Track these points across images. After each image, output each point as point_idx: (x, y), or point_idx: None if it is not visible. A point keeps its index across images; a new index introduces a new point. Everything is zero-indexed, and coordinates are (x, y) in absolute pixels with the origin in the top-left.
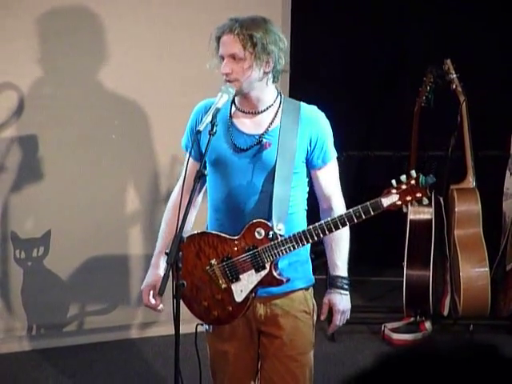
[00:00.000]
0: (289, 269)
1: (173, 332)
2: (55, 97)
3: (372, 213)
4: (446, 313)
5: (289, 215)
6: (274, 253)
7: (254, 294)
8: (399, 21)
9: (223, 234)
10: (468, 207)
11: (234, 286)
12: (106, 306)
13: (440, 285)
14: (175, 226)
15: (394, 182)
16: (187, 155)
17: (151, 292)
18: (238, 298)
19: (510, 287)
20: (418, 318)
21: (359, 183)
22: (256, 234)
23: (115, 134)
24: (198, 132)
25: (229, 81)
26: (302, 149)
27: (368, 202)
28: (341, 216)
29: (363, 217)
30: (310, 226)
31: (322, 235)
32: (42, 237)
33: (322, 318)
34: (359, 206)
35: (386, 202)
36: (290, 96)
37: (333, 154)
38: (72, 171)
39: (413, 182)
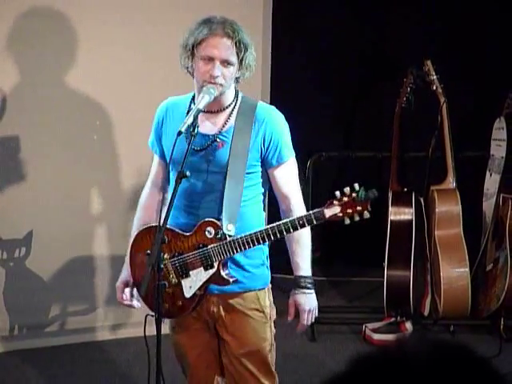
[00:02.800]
0: (241, 270)
1: (154, 333)
2: (37, 98)
3: (314, 222)
4: (426, 313)
5: (242, 215)
6: (222, 252)
7: (203, 291)
8: (379, 22)
9: (177, 230)
10: (448, 208)
11: (183, 282)
12: (87, 307)
13: (420, 285)
14: (146, 224)
15: (337, 193)
16: (154, 155)
17: (126, 289)
18: (187, 293)
19: (490, 287)
20: (399, 318)
21: (339, 184)
22: (206, 232)
23: (97, 134)
24: (180, 133)
25: (212, 83)
26: (255, 149)
27: (312, 211)
28: (285, 223)
29: (306, 225)
30: (257, 230)
31: (267, 240)
32: (23, 238)
33: (290, 318)
34: (303, 215)
35: (327, 212)
36: (272, 98)
37: (289, 153)
38: (53, 172)
39: (354, 195)
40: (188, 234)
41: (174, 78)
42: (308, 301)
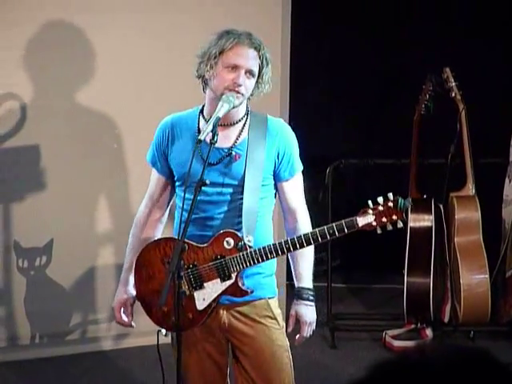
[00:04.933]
0: (252, 280)
1: (166, 341)
2: (57, 108)
3: (346, 231)
4: (446, 319)
5: (256, 226)
6: (241, 263)
7: (215, 304)
8: (399, 29)
9: (190, 242)
10: (468, 214)
11: (196, 294)
12: (108, 315)
13: (440, 292)
14: (143, 241)
15: (370, 202)
16: (153, 170)
17: (122, 309)
18: (200, 305)
19: (510, 293)
20: (419, 324)
21: (359, 191)
22: (225, 243)
23: (117, 143)
24: (199, 141)
25: (235, 91)
26: (269, 161)
27: (343, 220)
28: (314, 232)
29: (336, 234)
30: (282, 240)
31: (292, 249)
32: (44, 246)
33: (289, 329)
34: (333, 224)
35: (361, 221)
36: (291, 105)
37: (299, 166)
38: (74, 180)
39: (390, 204)
40: (203, 245)
41: (192, 87)
42: (309, 313)
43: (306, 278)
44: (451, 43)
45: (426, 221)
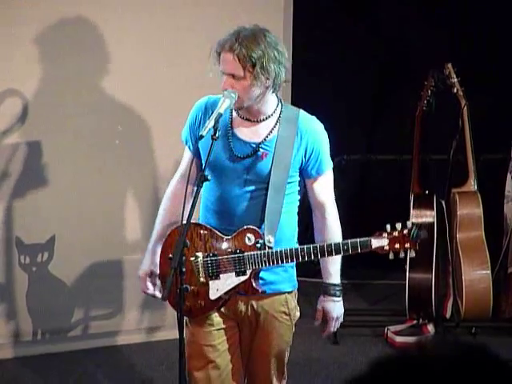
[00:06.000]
0: (272, 273)
1: (177, 336)
2: (59, 103)
3: (359, 250)
4: (448, 315)
5: (279, 225)
6: (258, 262)
7: (228, 297)
8: (400, 24)
9: (216, 231)
10: (470, 210)
11: (211, 283)
12: (110, 311)
13: (442, 287)
14: (172, 214)
15: (388, 226)
16: (186, 147)
17: (148, 279)
18: (213, 295)
19: None
20: (421, 320)
21: (361, 187)
22: (246, 239)
23: (119, 139)
24: (201, 137)
25: None
26: (297, 159)
27: (358, 238)
28: (329, 245)
29: (350, 251)
30: (298, 247)
31: (307, 258)
32: (46, 242)
33: (317, 323)
34: (349, 241)
35: (375, 243)
36: (293, 101)
37: (328, 165)
38: (76, 177)
39: (406, 231)
40: (227, 237)
41: (197, 81)
42: (336, 308)
43: (333, 274)
44: (453, 38)
45: (427, 217)
